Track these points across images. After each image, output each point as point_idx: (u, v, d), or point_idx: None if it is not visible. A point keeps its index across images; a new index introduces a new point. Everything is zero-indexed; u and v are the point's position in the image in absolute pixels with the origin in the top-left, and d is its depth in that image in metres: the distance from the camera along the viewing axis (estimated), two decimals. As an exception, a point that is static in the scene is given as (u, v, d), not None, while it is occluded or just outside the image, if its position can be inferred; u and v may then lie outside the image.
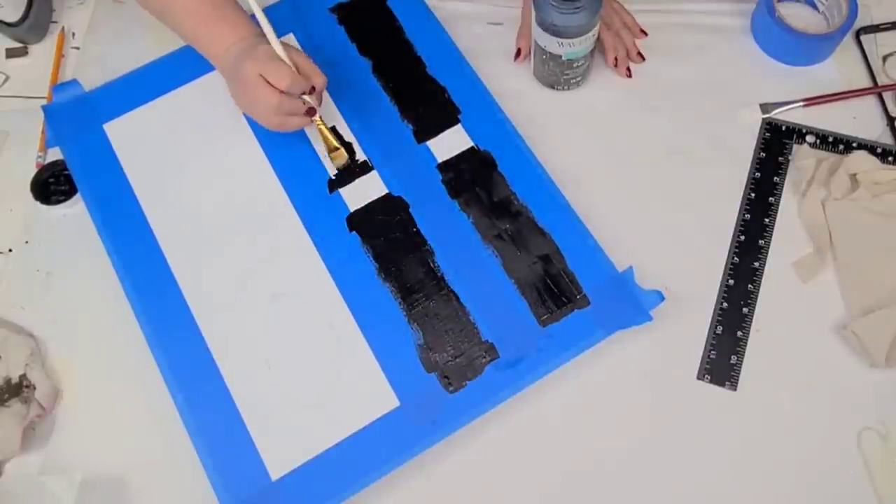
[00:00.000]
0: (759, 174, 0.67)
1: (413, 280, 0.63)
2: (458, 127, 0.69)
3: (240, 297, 0.63)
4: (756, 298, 0.63)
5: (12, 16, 0.75)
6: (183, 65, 0.72)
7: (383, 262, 0.64)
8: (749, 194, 0.67)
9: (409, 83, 0.71)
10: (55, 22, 0.79)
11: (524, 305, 0.62)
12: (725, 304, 0.63)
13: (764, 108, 0.70)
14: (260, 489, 0.57)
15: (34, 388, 0.61)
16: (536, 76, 0.72)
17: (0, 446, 0.58)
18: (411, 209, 0.66)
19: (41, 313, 0.65)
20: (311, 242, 0.65)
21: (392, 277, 0.63)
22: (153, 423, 0.60)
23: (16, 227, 0.69)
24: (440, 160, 0.68)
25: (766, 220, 0.66)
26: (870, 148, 0.67)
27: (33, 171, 0.70)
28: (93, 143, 0.69)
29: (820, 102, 0.70)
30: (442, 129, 0.69)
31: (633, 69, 0.72)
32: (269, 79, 0.60)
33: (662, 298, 0.61)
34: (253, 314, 0.63)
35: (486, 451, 0.59)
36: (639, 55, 0.72)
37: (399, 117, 0.70)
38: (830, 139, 0.68)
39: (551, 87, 0.71)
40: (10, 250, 0.68)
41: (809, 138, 0.68)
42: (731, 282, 0.63)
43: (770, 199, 0.66)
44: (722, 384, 0.60)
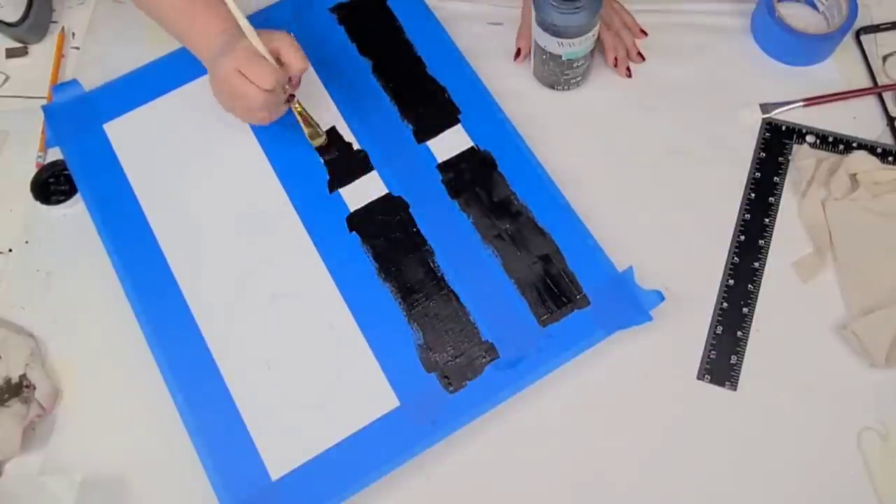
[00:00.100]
0: (759, 174, 0.67)
1: (413, 280, 0.63)
2: (458, 127, 0.69)
3: (240, 297, 0.63)
4: (756, 298, 0.63)
5: (12, 16, 0.75)
6: (183, 65, 0.72)
7: (383, 262, 0.64)
8: (749, 194, 0.67)
9: (409, 83, 0.71)
10: (55, 22, 0.79)
11: (524, 305, 0.62)
12: (725, 304, 0.63)
13: (764, 108, 0.70)
14: (260, 489, 0.57)
15: (34, 388, 0.61)
16: (536, 76, 0.72)
17: (0, 446, 0.58)
18: (411, 209, 0.66)
19: (41, 313, 0.65)
20: (311, 242, 0.65)
21: (392, 277, 0.63)
22: (153, 423, 0.60)
23: (16, 227, 0.69)
24: (440, 160, 0.68)
25: (766, 220, 0.66)
26: (870, 148, 0.67)
27: (33, 171, 0.70)
28: (93, 143, 0.69)
29: (820, 102, 0.70)
30: (442, 129, 0.69)
31: (633, 69, 0.72)
32: (251, 78, 0.59)
33: (662, 298, 0.61)
34: (253, 314, 0.63)
35: (486, 451, 0.59)
36: (639, 55, 0.72)
37: (399, 117, 0.70)
38: (830, 139, 0.68)
39: (551, 87, 0.71)
40: (10, 250, 0.68)
41: (809, 138, 0.68)
42: (731, 282, 0.63)
43: (770, 199, 0.66)
44: (722, 384, 0.60)
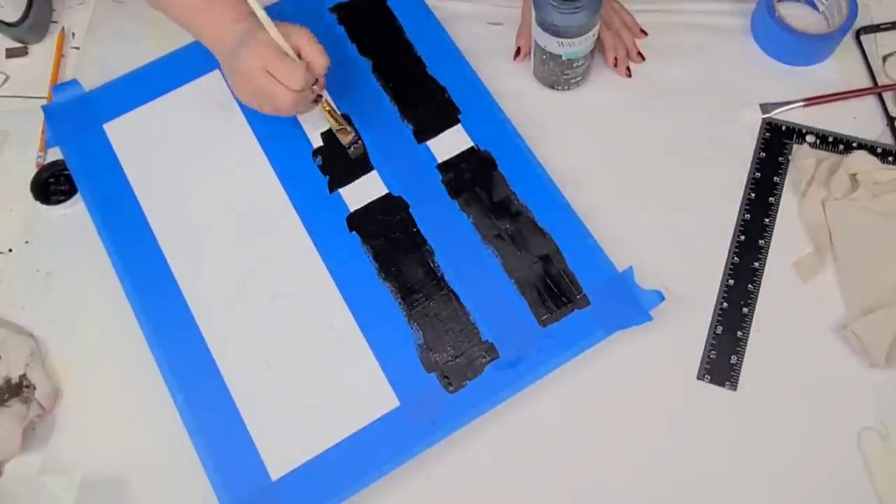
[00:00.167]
0: (759, 174, 0.67)
1: (413, 280, 0.63)
2: (458, 127, 0.69)
3: (240, 297, 0.63)
4: (756, 298, 0.63)
5: (12, 16, 0.75)
6: (183, 65, 0.72)
7: (383, 262, 0.64)
8: (749, 194, 0.67)
9: (409, 83, 0.71)
10: (55, 22, 0.79)
11: (524, 305, 0.62)
12: (725, 304, 0.63)
13: (764, 108, 0.70)
14: (260, 489, 0.57)
15: (34, 388, 0.61)
16: (536, 76, 0.72)
17: (0, 446, 0.58)
18: (411, 209, 0.66)
19: (41, 313, 0.65)
20: (311, 242, 0.65)
21: (392, 277, 0.63)
22: (153, 423, 0.60)
23: (16, 227, 0.69)
24: (440, 160, 0.68)
25: (766, 220, 0.66)
26: (870, 148, 0.67)
27: (33, 171, 0.70)
28: (93, 143, 0.69)
29: (820, 102, 0.70)
30: (442, 129, 0.69)
31: (633, 69, 0.72)
32: (280, 78, 0.57)
33: (662, 298, 0.61)
34: (253, 314, 0.63)
35: (486, 451, 0.59)
36: (639, 55, 0.72)
37: (399, 117, 0.70)
38: (830, 139, 0.68)
39: (551, 87, 0.71)
40: (10, 250, 0.68)
41: (809, 138, 0.68)
42: (731, 282, 0.63)
43: (770, 199, 0.66)
44: (722, 384, 0.60)
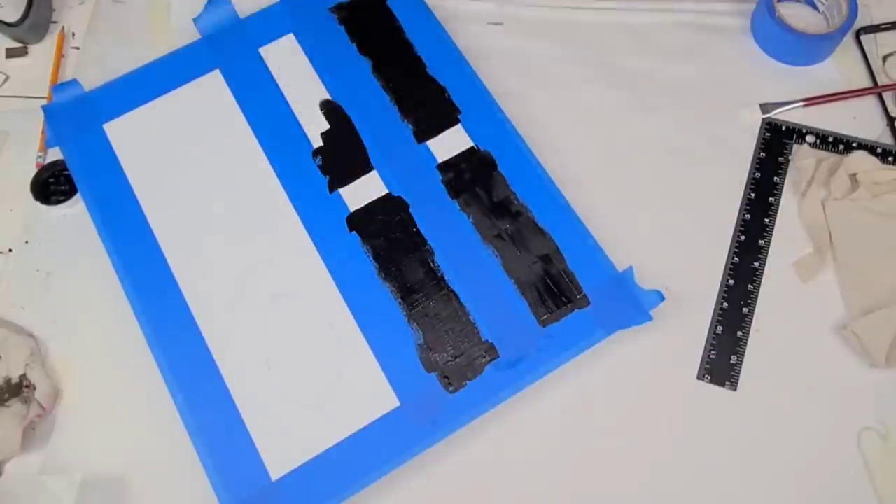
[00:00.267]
0: (759, 174, 0.67)
1: (413, 280, 0.63)
2: (458, 127, 0.69)
3: (240, 296, 0.63)
4: (756, 298, 0.63)
5: (12, 16, 0.75)
6: (183, 65, 0.72)
7: (383, 262, 0.64)
8: (749, 194, 0.67)
9: (409, 83, 0.71)
10: (55, 22, 0.79)
11: (524, 305, 0.62)
12: (725, 304, 0.63)
13: (764, 108, 0.70)
14: (260, 489, 0.57)
15: (34, 388, 0.61)
16: None
17: (0, 446, 0.58)
18: (411, 209, 0.66)
19: (41, 313, 0.65)
20: (311, 242, 0.65)
21: (392, 277, 0.63)
22: (153, 423, 0.60)
23: (16, 227, 0.69)
24: (440, 160, 0.67)
25: (766, 220, 0.66)
26: (870, 148, 0.67)
27: (33, 171, 0.70)
28: (93, 143, 0.69)
29: (820, 102, 0.70)
30: (442, 129, 0.69)
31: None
32: None
33: (662, 298, 0.61)
34: (253, 314, 0.63)
35: (486, 451, 0.59)
36: None
37: (399, 117, 0.70)
38: (830, 139, 0.68)
39: None
40: (10, 250, 0.68)
41: (809, 138, 0.68)
42: (731, 282, 0.63)
43: (770, 199, 0.66)
44: (722, 384, 0.60)
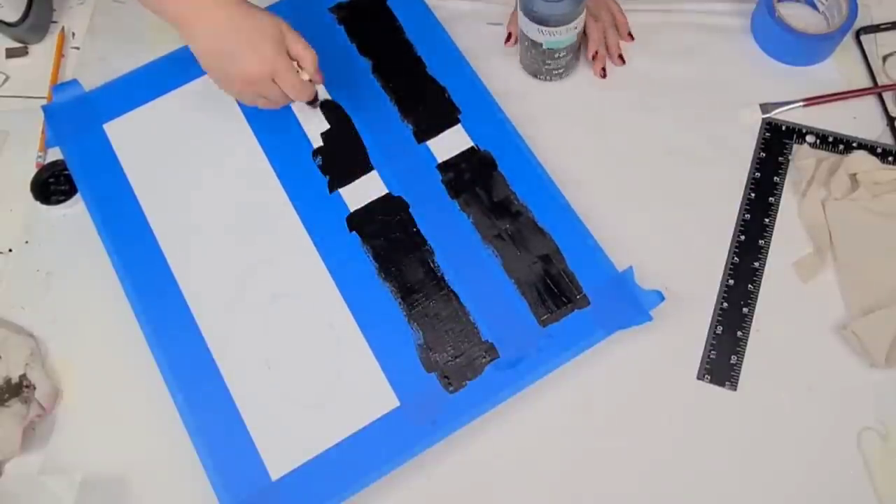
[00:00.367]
0: (759, 174, 0.67)
1: (413, 280, 0.63)
2: (458, 127, 0.69)
3: (240, 296, 0.63)
4: (756, 298, 0.63)
5: (12, 16, 0.75)
6: (183, 65, 0.71)
7: (383, 262, 0.64)
8: (749, 194, 0.67)
9: (409, 83, 0.71)
10: (55, 22, 0.79)
11: (524, 305, 0.62)
12: (725, 304, 0.63)
13: (764, 108, 0.70)
14: (260, 489, 0.57)
15: (34, 388, 0.61)
16: (522, 64, 0.72)
17: (0, 446, 0.58)
18: (411, 209, 0.66)
19: (41, 313, 0.65)
20: (311, 242, 0.65)
21: (392, 277, 0.63)
22: (153, 423, 0.60)
23: (16, 227, 0.69)
24: (440, 160, 0.68)
25: (766, 220, 0.66)
26: (870, 148, 0.67)
27: (33, 171, 0.70)
28: (93, 143, 0.69)
29: (820, 102, 0.70)
30: (442, 129, 0.69)
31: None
32: (287, 91, 0.61)
33: (662, 298, 0.61)
34: (253, 314, 0.63)
35: (486, 451, 0.59)
36: (620, 58, 0.72)
37: (399, 117, 0.70)
38: (830, 139, 0.68)
39: (534, 75, 0.71)
40: (10, 250, 0.68)
41: (809, 138, 0.68)
42: (731, 282, 0.63)
43: (770, 199, 0.66)
44: (722, 384, 0.60)
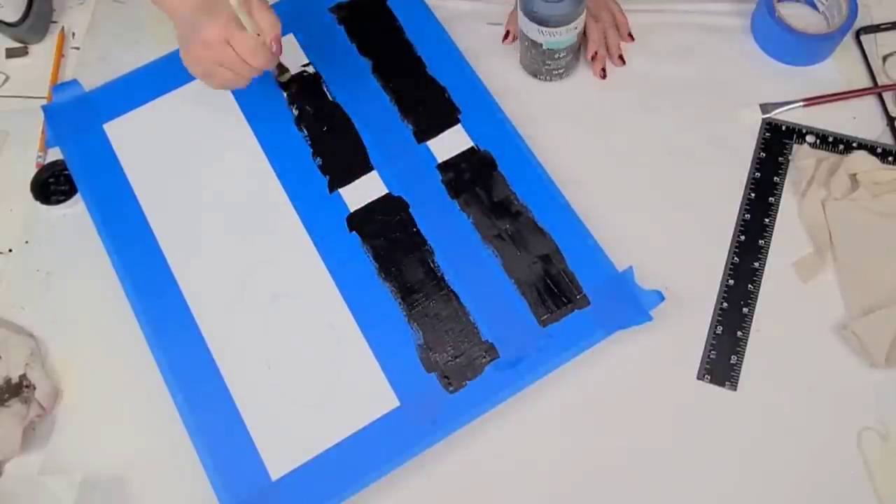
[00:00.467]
0: (759, 174, 0.67)
1: (413, 280, 0.63)
2: (458, 127, 0.69)
3: (240, 296, 0.63)
4: (756, 298, 0.63)
5: (12, 16, 0.75)
6: (183, 65, 0.71)
7: (383, 262, 0.64)
8: (749, 194, 0.67)
9: (409, 83, 0.71)
10: (55, 22, 0.79)
11: (524, 305, 0.62)
12: (725, 304, 0.63)
13: (764, 108, 0.70)
14: (260, 489, 0.57)
15: (34, 388, 0.61)
16: (522, 64, 0.72)
17: (0, 446, 0.59)
18: (411, 209, 0.66)
19: (41, 313, 0.65)
20: (311, 242, 0.65)
21: (392, 277, 0.63)
22: (153, 423, 0.60)
23: (16, 227, 0.69)
24: (440, 160, 0.68)
25: (766, 220, 0.66)
26: (870, 148, 0.67)
27: (33, 171, 0.70)
28: (93, 143, 0.69)
29: (820, 102, 0.70)
30: (442, 129, 0.69)
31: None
32: (240, 53, 0.58)
33: (662, 298, 0.61)
34: (253, 314, 0.63)
35: (486, 451, 0.59)
36: (620, 58, 0.72)
37: (399, 117, 0.70)
38: (830, 139, 0.68)
39: (534, 75, 0.71)
40: (10, 250, 0.68)
41: (809, 138, 0.68)
42: (731, 282, 0.63)
43: (770, 199, 0.66)
44: (722, 384, 0.60)
